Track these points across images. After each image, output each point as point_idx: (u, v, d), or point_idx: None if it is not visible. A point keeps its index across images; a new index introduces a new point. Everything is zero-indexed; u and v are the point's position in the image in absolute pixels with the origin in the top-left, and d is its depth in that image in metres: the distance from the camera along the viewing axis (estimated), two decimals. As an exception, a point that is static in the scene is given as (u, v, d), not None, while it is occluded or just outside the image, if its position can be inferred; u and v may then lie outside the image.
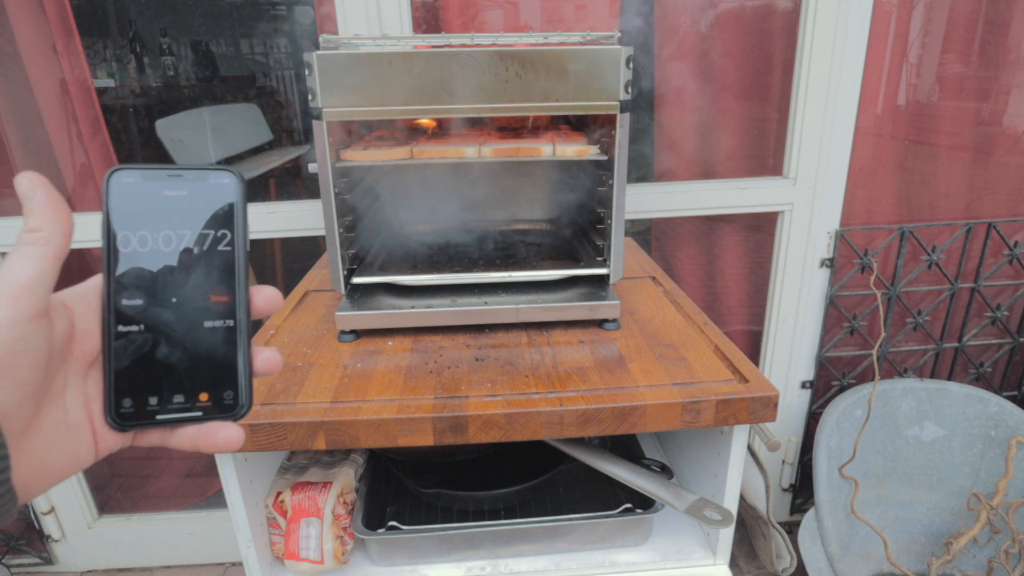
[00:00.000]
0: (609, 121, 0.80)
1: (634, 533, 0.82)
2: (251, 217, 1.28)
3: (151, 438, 0.34)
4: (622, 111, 0.77)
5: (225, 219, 0.33)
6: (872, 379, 1.40)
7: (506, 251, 0.99)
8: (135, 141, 1.67)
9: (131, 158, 1.64)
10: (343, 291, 0.85)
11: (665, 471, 0.84)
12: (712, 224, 1.47)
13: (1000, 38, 1.34)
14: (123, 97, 1.74)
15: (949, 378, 1.56)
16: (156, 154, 1.68)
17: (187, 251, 0.33)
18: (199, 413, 0.33)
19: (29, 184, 0.30)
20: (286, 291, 1.02)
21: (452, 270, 0.89)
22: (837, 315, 1.48)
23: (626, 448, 0.93)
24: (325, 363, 0.77)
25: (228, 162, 1.88)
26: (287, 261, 1.86)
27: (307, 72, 0.74)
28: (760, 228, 1.46)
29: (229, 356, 0.34)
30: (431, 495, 0.83)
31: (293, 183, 1.97)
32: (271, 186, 1.90)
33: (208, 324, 0.33)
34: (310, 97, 0.75)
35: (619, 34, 0.82)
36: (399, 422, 0.66)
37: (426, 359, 0.78)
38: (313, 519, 0.75)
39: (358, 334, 0.84)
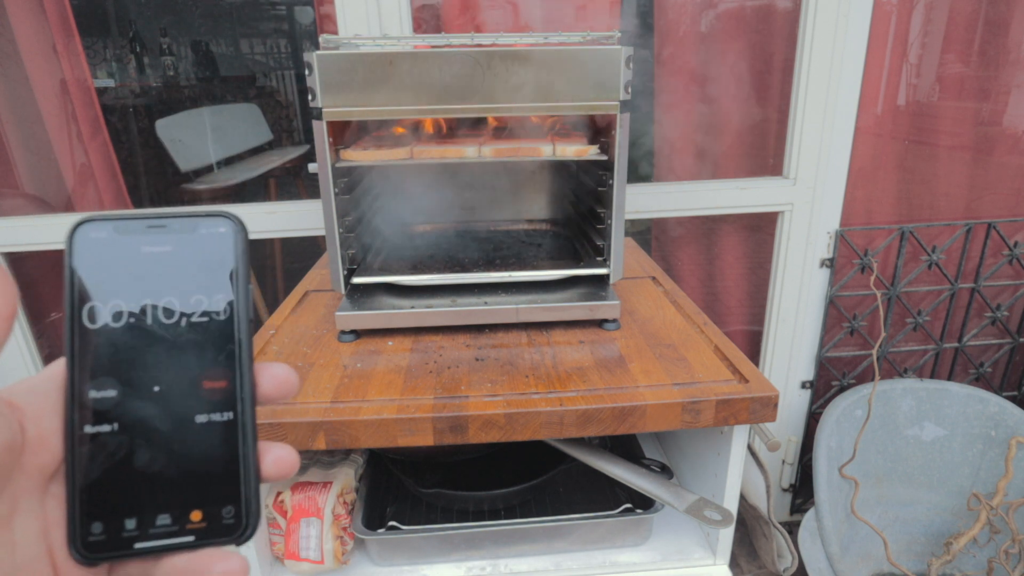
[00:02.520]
0: (609, 121, 0.80)
1: (634, 533, 0.82)
2: (251, 218, 1.28)
3: (130, 570, 0.26)
4: (622, 111, 0.77)
5: (222, 280, 0.26)
6: (872, 379, 1.39)
7: (506, 251, 0.99)
8: (135, 141, 1.67)
9: (131, 158, 1.64)
10: (343, 291, 0.85)
11: (665, 471, 0.84)
12: (712, 224, 1.47)
13: (1000, 38, 1.34)
14: (123, 97, 1.74)
15: (949, 378, 1.56)
16: (156, 154, 1.68)
17: (173, 324, 0.26)
18: (190, 538, 0.26)
19: None
20: (286, 291, 1.02)
21: (452, 270, 0.89)
22: (837, 315, 1.48)
23: (626, 448, 0.93)
24: (325, 363, 0.77)
25: (228, 162, 1.88)
26: (287, 261, 1.86)
27: (307, 72, 0.74)
28: (760, 228, 1.46)
29: (229, 461, 0.26)
30: (431, 495, 0.82)
31: (293, 183, 1.98)
32: (271, 186, 1.90)
33: (201, 419, 0.26)
34: (310, 97, 0.75)
35: (619, 34, 0.82)
36: (399, 422, 0.66)
37: (426, 359, 0.78)
38: (313, 519, 0.75)
39: (358, 334, 0.84)
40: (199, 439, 0.26)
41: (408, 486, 0.85)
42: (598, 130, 0.90)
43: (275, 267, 1.88)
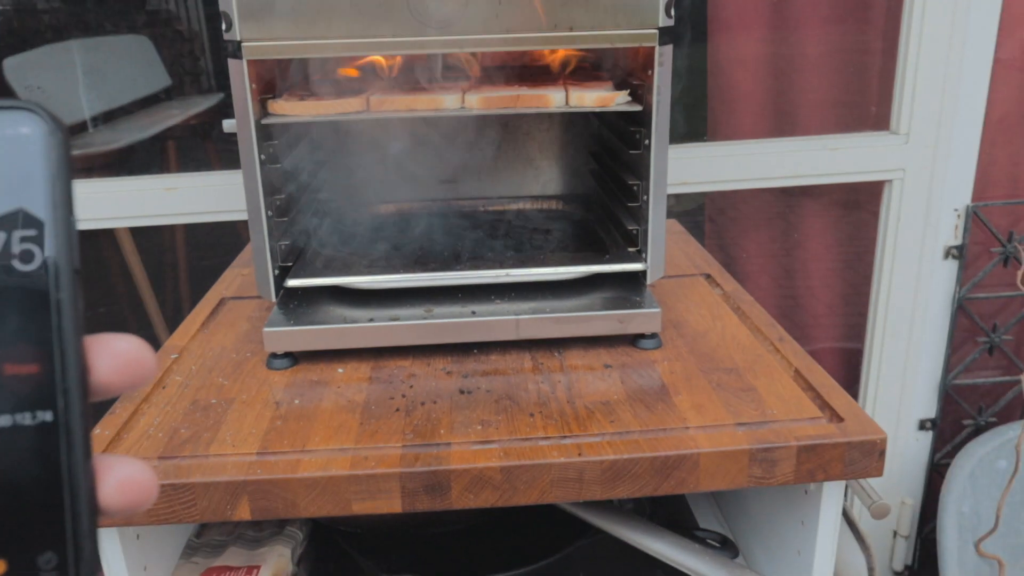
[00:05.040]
0: (644, 56, 0.81)
1: (685, 634, 0.82)
2: (144, 196, 1.29)
3: None
4: (662, 43, 0.78)
5: (27, 208, 0.24)
6: (1020, 417, 1.40)
7: (502, 240, 1.00)
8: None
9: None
10: (274, 298, 0.86)
11: (727, 547, 0.84)
12: (790, 200, 1.48)
13: None
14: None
15: None
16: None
17: None
18: None
19: None
20: (194, 297, 1.03)
21: (426, 267, 0.90)
22: (969, 326, 1.49)
23: (672, 515, 0.93)
24: (249, 399, 0.78)
25: (108, 118, 1.89)
26: (193, 257, 1.87)
27: (221, -8, 0.75)
28: (858, 205, 1.47)
29: (47, 484, 0.24)
30: (399, 584, 0.83)
31: (201, 147, 1.99)
32: (170, 151, 1.91)
33: (2, 421, 0.23)
34: (223, 26, 0.76)
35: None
36: (354, 480, 0.66)
37: (391, 392, 0.79)
38: (234, 618, 0.76)
39: (295, 358, 0.85)
40: (2, 451, 0.23)
41: (366, 569, 0.86)
42: (629, 71, 0.92)
43: (176, 265, 1.89)
